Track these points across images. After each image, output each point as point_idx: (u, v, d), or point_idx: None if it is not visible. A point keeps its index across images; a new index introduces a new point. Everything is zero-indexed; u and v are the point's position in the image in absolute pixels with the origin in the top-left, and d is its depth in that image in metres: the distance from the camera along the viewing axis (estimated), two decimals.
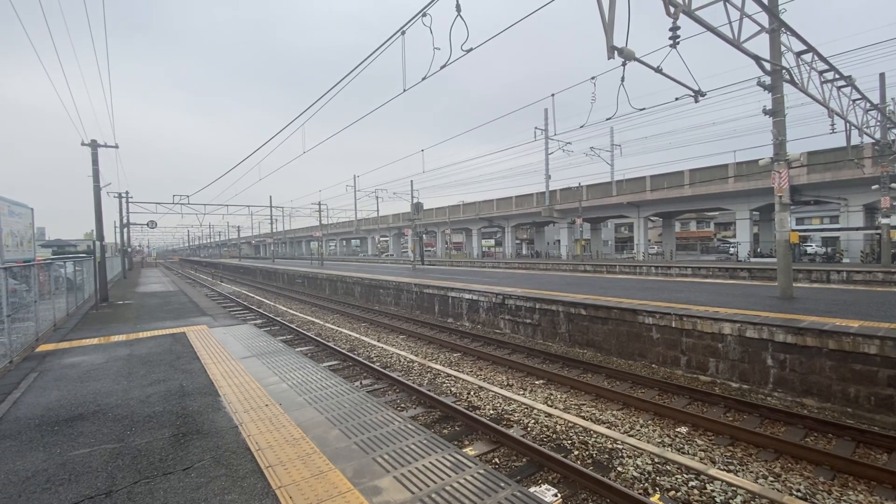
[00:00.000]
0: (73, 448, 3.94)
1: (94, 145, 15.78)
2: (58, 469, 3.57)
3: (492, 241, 67.42)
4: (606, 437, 5.45)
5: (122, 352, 7.69)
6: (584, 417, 6.14)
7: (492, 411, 6.49)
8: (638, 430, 5.74)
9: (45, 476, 3.46)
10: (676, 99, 10.12)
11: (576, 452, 5.18)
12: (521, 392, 7.30)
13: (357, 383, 7.95)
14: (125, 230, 32.85)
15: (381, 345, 10.90)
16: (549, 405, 6.62)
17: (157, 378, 6.05)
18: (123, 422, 4.52)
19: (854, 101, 14.69)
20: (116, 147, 16.80)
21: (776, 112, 10.42)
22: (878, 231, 22.33)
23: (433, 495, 3.11)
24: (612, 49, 6.79)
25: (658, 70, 8.37)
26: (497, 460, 5.13)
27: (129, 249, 39.06)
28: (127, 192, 30.69)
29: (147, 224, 35.09)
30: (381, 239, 72.99)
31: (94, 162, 15.76)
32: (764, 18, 9.73)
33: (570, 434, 5.60)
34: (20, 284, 9.48)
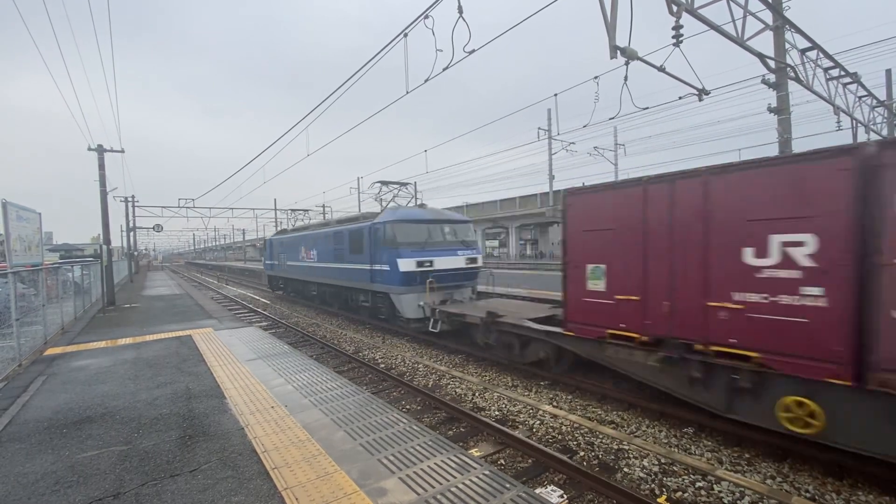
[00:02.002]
0: (81, 450, 3.98)
1: (100, 150, 15.94)
2: (66, 471, 3.60)
3: (496, 242, 67.33)
4: (612, 437, 5.43)
5: (128, 355, 7.75)
6: (589, 418, 6.11)
7: (497, 412, 6.48)
8: (644, 431, 5.71)
9: (54, 478, 3.49)
10: (680, 98, 10.10)
11: (581, 453, 5.15)
12: (527, 393, 7.28)
13: (362, 385, 7.96)
14: (131, 234, 33.12)
15: (386, 346, 10.91)
16: (554, 406, 6.60)
17: (164, 381, 6.09)
18: (131, 424, 4.56)
19: (860, 97, 14.56)
20: (122, 151, 16.94)
21: (781, 110, 10.36)
22: None
23: (439, 496, 3.11)
24: (614, 48, 6.78)
25: (661, 69, 8.34)
26: (502, 461, 5.12)
27: (136, 253, 39.36)
28: (133, 196, 30.96)
29: (153, 228, 35.32)
30: None
31: (101, 167, 15.92)
32: (768, 16, 9.68)
33: (576, 435, 5.58)
34: (28, 289, 9.57)
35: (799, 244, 4.37)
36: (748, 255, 4.73)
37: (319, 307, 17.83)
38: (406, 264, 11.17)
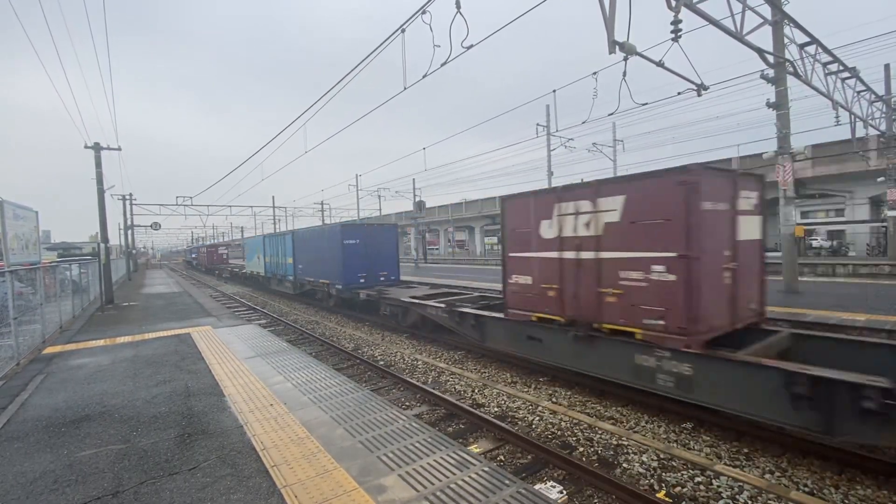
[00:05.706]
0: (79, 449, 3.97)
1: (97, 148, 15.85)
2: (65, 470, 3.59)
3: (495, 239, 67.23)
4: (611, 433, 5.44)
5: (127, 353, 7.73)
6: (588, 414, 6.13)
7: (496, 409, 6.48)
8: (643, 427, 5.72)
9: (52, 477, 3.49)
10: (679, 93, 10.08)
11: (581, 449, 5.16)
12: (526, 389, 7.29)
13: (361, 382, 7.96)
14: (129, 232, 33.03)
15: (384, 343, 10.91)
16: (553, 402, 6.61)
17: (163, 379, 6.08)
18: (129, 422, 4.55)
19: (859, 92, 14.55)
20: (119, 149, 16.85)
21: (780, 105, 10.34)
22: (885, 224, 22.17)
23: (438, 493, 3.11)
24: (613, 44, 6.76)
25: (660, 64, 8.32)
26: (502, 458, 5.12)
27: (134, 251, 39.26)
28: (130, 195, 30.85)
29: (151, 226, 35.25)
30: None
31: (98, 165, 15.83)
32: (767, 10, 9.65)
33: (575, 431, 5.59)
34: (26, 287, 9.53)
35: None
36: None
37: (319, 304, 17.93)
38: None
